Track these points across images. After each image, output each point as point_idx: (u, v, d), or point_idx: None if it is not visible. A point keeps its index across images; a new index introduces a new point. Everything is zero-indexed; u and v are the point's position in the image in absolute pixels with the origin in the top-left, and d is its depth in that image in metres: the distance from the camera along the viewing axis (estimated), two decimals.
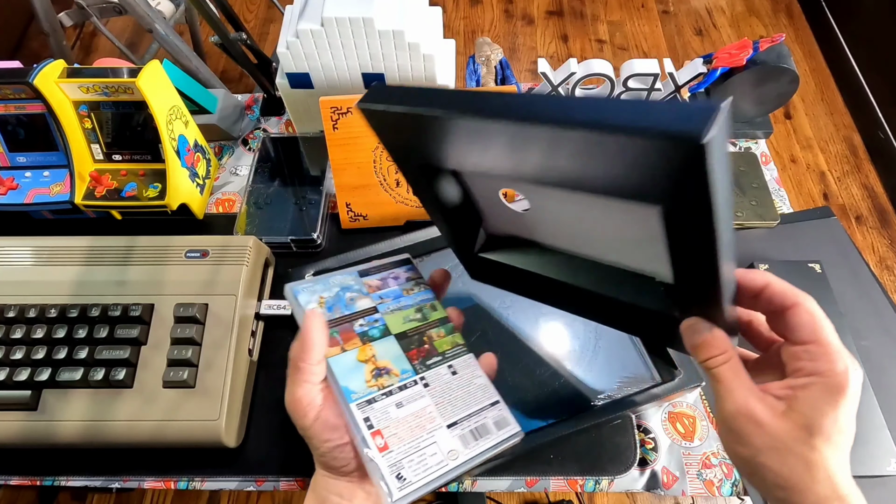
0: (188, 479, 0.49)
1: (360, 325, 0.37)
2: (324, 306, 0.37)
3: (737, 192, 0.63)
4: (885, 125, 1.60)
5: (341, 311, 0.37)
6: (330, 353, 0.35)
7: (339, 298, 0.38)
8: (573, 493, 1.15)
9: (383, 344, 0.37)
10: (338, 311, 0.37)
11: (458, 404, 0.35)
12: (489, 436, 0.35)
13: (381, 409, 0.34)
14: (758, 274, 0.31)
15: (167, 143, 0.56)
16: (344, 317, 0.37)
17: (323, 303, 0.37)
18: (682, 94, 0.67)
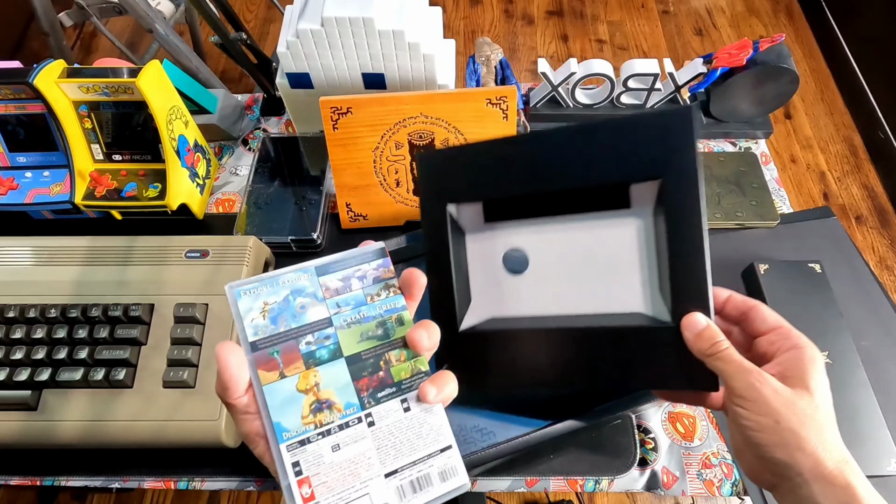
0: (188, 479, 0.49)
1: (307, 342, 0.32)
2: (267, 316, 0.31)
3: (737, 191, 0.63)
4: (885, 125, 1.60)
5: (287, 322, 0.32)
6: (265, 378, 0.30)
7: (287, 305, 0.32)
8: (573, 493, 1.15)
9: (330, 369, 0.31)
10: (283, 323, 0.31)
11: (404, 448, 0.31)
12: (430, 488, 0.30)
13: (314, 453, 0.30)
14: (719, 290, 0.37)
15: (167, 143, 0.56)
16: (290, 331, 0.31)
17: (266, 311, 0.32)
18: (682, 94, 0.67)
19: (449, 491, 0.31)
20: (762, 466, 0.32)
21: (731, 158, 0.66)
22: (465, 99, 0.55)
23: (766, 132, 0.69)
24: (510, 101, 0.55)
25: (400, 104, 0.54)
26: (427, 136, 0.57)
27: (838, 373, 0.51)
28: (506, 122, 0.56)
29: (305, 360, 0.31)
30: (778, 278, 0.55)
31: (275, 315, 0.32)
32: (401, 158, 0.57)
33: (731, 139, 0.70)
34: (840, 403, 0.49)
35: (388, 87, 0.61)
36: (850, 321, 0.54)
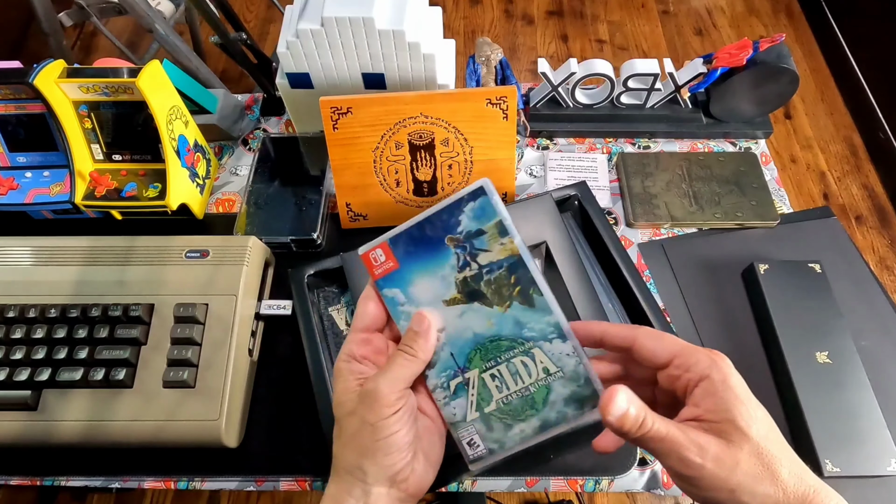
0: (188, 479, 0.49)
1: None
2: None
3: (737, 191, 0.63)
4: (885, 125, 1.60)
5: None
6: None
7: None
8: (573, 493, 1.15)
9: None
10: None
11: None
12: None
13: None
14: (591, 324, 0.33)
15: (167, 143, 0.56)
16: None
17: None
18: (682, 94, 0.67)
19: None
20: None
21: (731, 158, 0.66)
22: (465, 99, 0.55)
23: (766, 132, 0.69)
24: (510, 101, 0.55)
25: (400, 104, 0.54)
26: (427, 136, 0.57)
27: (838, 373, 0.51)
28: (506, 122, 0.56)
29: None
30: (778, 278, 0.55)
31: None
32: (401, 158, 0.57)
33: (731, 139, 0.70)
34: (840, 403, 0.49)
35: (388, 87, 0.61)
36: (850, 321, 0.54)
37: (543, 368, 0.33)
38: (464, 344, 0.34)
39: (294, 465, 0.49)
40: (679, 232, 0.62)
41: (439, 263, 0.34)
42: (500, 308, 0.34)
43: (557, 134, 0.70)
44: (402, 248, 0.34)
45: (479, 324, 0.34)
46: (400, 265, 0.35)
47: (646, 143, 0.70)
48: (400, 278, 0.35)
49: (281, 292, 0.57)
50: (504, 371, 0.34)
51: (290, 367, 0.53)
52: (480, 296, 0.34)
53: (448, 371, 0.34)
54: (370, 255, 0.35)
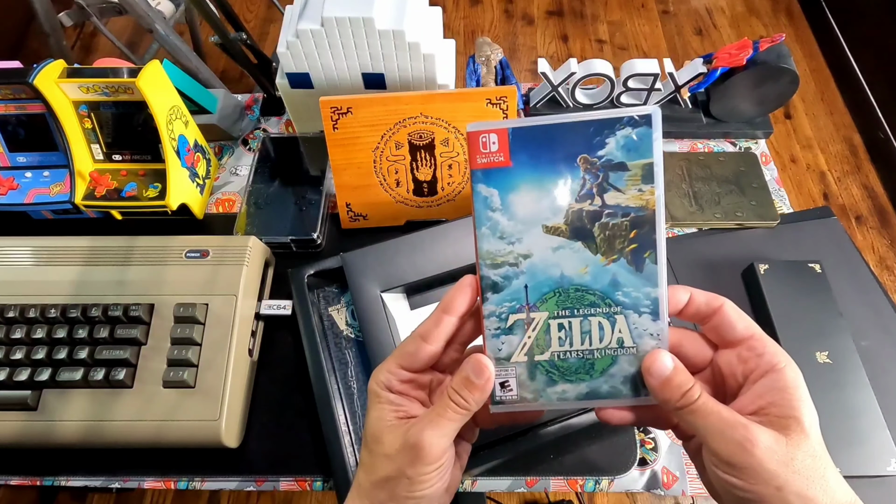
0: (188, 479, 0.49)
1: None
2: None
3: (737, 191, 0.63)
4: (885, 125, 1.60)
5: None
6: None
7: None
8: (573, 493, 1.15)
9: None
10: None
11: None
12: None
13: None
14: (678, 289, 0.30)
15: (167, 143, 0.56)
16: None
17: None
18: (682, 94, 0.67)
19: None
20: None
21: (731, 158, 0.66)
22: (465, 99, 0.55)
23: (766, 132, 0.69)
24: (510, 101, 0.55)
25: (400, 104, 0.54)
26: (427, 136, 0.57)
27: (838, 373, 0.51)
28: None
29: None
30: (778, 278, 0.55)
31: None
32: (401, 158, 0.57)
33: (731, 139, 0.70)
34: (840, 403, 0.49)
35: (388, 87, 0.61)
36: (850, 321, 0.54)
37: (619, 339, 0.30)
38: (544, 280, 0.30)
39: (294, 465, 0.49)
40: (679, 232, 0.62)
41: (559, 181, 0.29)
42: (603, 259, 0.29)
43: None
44: (522, 145, 0.29)
45: (572, 266, 0.30)
46: (512, 164, 0.29)
47: None
48: (505, 179, 0.29)
49: (281, 292, 0.57)
50: (576, 325, 0.30)
51: (290, 367, 0.53)
52: (588, 236, 0.29)
53: (514, 303, 0.30)
54: (480, 138, 0.29)
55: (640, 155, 0.28)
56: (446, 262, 0.52)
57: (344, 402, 0.49)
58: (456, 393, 0.29)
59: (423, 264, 0.51)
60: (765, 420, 0.26)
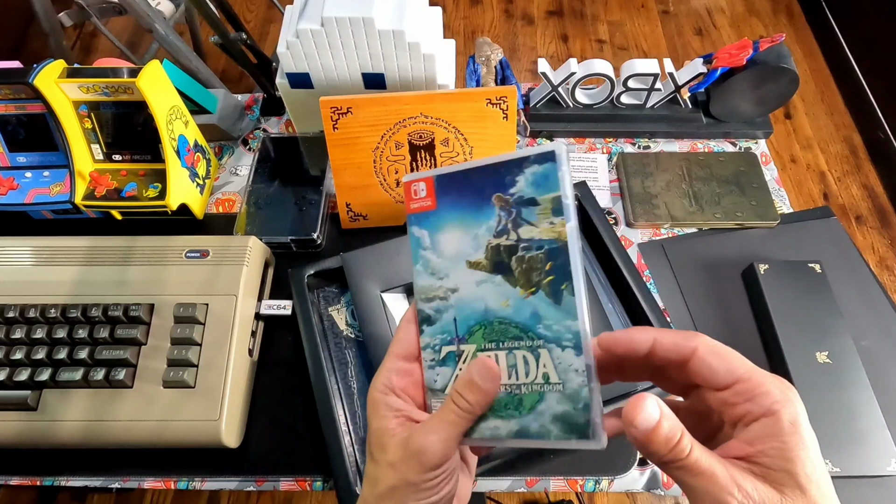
0: (188, 479, 0.49)
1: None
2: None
3: (737, 192, 0.63)
4: (885, 125, 1.60)
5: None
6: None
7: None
8: (573, 493, 1.15)
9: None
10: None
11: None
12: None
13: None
14: (638, 330, 0.27)
15: (167, 143, 0.56)
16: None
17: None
18: (682, 94, 0.67)
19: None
20: None
21: (731, 158, 0.66)
22: (465, 99, 0.55)
23: (766, 132, 0.69)
24: (510, 101, 0.55)
25: (400, 104, 0.54)
26: (427, 136, 0.57)
27: (838, 373, 0.51)
28: (506, 122, 0.56)
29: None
30: (778, 278, 0.55)
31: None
32: (401, 158, 0.57)
33: (731, 139, 0.70)
34: (840, 403, 0.49)
35: (388, 87, 0.61)
36: (850, 321, 0.54)
37: (544, 374, 0.29)
38: (471, 314, 0.30)
39: (294, 465, 0.49)
40: (679, 232, 0.62)
41: (477, 220, 0.31)
42: (522, 291, 0.30)
43: (557, 134, 0.70)
44: (445, 190, 0.31)
45: (494, 299, 0.30)
46: (437, 207, 0.31)
47: (646, 143, 0.70)
48: (433, 221, 0.32)
49: (281, 292, 0.57)
50: (502, 358, 0.30)
51: (290, 367, 0.53)
52: (507, 270, 0.30)
53: (444, 335, 0.31)
54: (412, 186, 0.32)
55: (548, 189, 0.29)
56: None
57: (344, 402, 0.49)
58: (459, 395, 0.28)
59: None
60: (755, 469, 0.23)
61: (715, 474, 0.23)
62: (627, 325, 0.52)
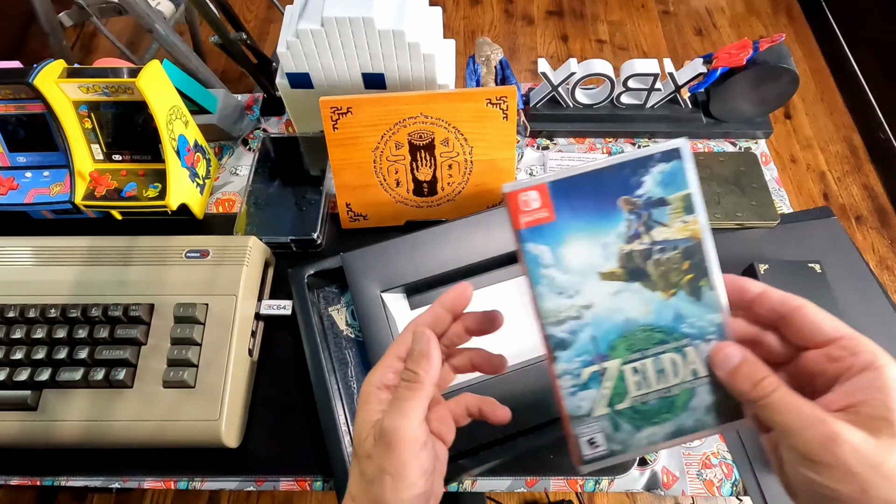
0: (188, 480, 0.49)
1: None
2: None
3: (737, 191, 0.63)
4: (885, 125, 1.60)
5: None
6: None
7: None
8: (573, 493, 1.15)
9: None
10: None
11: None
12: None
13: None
14: (747, 282, 0.29)
15: (167, 143, 0.56)
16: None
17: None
18: (682, 94, 0.67)
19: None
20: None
21: (731, 158, 0.66)
22: (465, 99, 0.55)
23: (766, 132, 0.69)
24: (510, 101, 0.55)
25: (400, 104, 0.54)
26: (427, 136, 0.57)
27: None
28: (506, 121, 0.56)
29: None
30: (778, 278, 0.55)
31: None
32: (401, 158, 0.57)
33: (731, 139, 0.70)
34: None
35: (388, 87, 0.61)
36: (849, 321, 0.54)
37: (692, 370, 0.29)
38: (610, 328, 0.29)
39: (294, 465, 0.49)
40: None
41: (605, 227, 0.29)
42: (663, 294, 0.29)
43: (557, 134, 0.70)
44: (564, 198, 0.29)
45: (635, 308, 0.29)
46: (556, 218, 0.29)
47: (646, 143, 0.70)
48: (552, 234, 0.29)
49: (281, 292, 0.57)
50: (649, 366, 0.29)
51: (290, 367, 0.53)
52: (644, 276, 0.29)
53: (584, 356, 0.29)
54: (519, 197, 0.28)
55: (677, 188, 0.29)
56: (446, 263, 0.52)
57: (344, 402, 0.49)
58: (407, 370, 0.29)
59: (423, 264, 0.51)
60: (854, 419, 0.24)
61: (802, 408, 0.24)
62: None
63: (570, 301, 0.29)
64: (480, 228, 0.53)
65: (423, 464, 0.28)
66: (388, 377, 0.30)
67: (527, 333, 0.50)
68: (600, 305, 0.29)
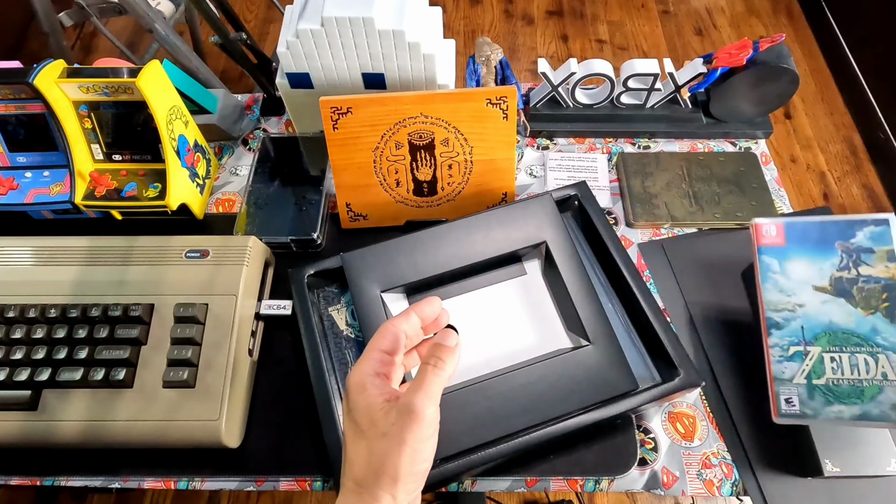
0: (188, 479, 0.49)
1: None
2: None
3: (737, 191, 0.63)
4: (885, 125, 1.60)
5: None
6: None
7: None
8: (573, 493, 1.15)
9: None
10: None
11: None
12: None
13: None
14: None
15: (167, 143, 0.56)
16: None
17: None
18: (682, 94, 0.67)
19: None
20: None
21: (731, 158, 0.66)
22: (465, 99, 0.55)
23: (766, 132, 0.69)
24: (510, 101, 0.55)
25: (400, 104, 0.54)
26: (427, 136, 0.57)
27: None
28: (506, 121, 0.56)
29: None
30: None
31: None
32: (401, 158, 0.57)
33: (731, 139, 0.70)
34: None
35: (388, 87, 0.61)
36: None
37: (883, 373, 0.40)
38: (816, 324, 0.42)
39: (294, 465, 0.49)
40: (679, 232, 0.62)
41: (822, 257, 0.43)
42: (863, 311, 0.41)
43: (557, 134, 0.70)
44: (794, 233, 0.44)
45: (838, 315, 0.41)
46: (786, 244, 0.44)
47: (646, 143, 0.70)
48: (781, 253, 0.44)
49: (281, 292, 0.57)
50: (845, 359, 0.40)
51: (290, 367, 0.53)
52: (849, 295, 0.42)
53: (793, 338, 0.42)
54: (762, 227, 0.45)
55: (883, 243, 0.42)
56: (446, 263, 0.52)
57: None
58: (435, 356, 0.33)
59: (423, 264, 0.51)
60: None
61: None
62: (627, 324, 0.52)
63: (787, 298, 0.43)
64: (480, 228, 0.53)
65: (434, 443, 0.32)
66: (378, 367, 0.34)
67: (528, 334, 0.51)
68: (811, 307, 0.42)
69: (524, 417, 0.45)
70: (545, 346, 0.50)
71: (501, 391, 0.46)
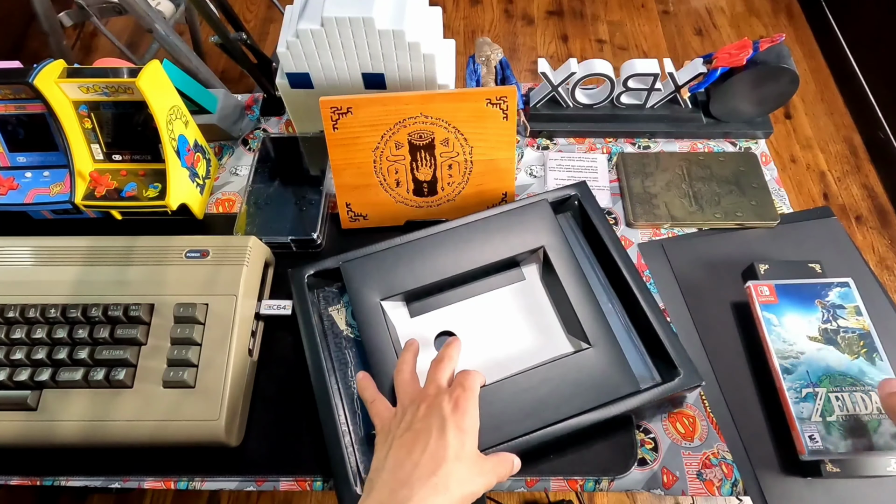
0: (188, 479, 0.49)
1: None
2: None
3: (737, 191, 0.63)
4: (885, 125, 1.60)
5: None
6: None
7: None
8: (573, 493, 1.15)
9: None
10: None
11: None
12: None
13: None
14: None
15: (167, 143, 0.56)
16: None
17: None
18: (682, 94, 0.67)
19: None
20: None
21: (731, 158, 0.66)
22: (465, 99, 0.55)
23: (766, 132, 0.69)
24: (510, 100, 0.55)
25: (400, 104, 0.54)
26: (427, 136, 0.57)
27: None
28: (506, 121, 0.56)
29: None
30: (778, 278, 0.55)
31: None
32: (401, 158, 0.57)
33: (731, 139, 0.70)
34: None
35: (388, 87, 0.61)
36: None
37: (877, 408, 0.46)
38: (817, 368, 0.48)
39: (294, 465, 0.49)
40: (679, 232, 0.62)
41: (808, 312, 0.51)
42: (849, 356, 0.48)
43: (557, 134, 0.70)
44: (783, 293, 0.52)
45: (832, 360, 0.48)
46: (779, 301, 0.52)
47: (646, 143, 0.70)
48: (777, 309, 0.51)
49: (281, 292, 0.57)
50: (846, 397, 0.46)
51: (290, 367, 0.53)
52: (836, 343, 0.49)
53: (802, 381, 0.48)
54: (757, 287, 0.52)
55: (850, 301, 0.51)
56: (444, 269, 0.52)
57: (344, 402, 0.49)
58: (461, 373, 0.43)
59: (422, 272, 0.52)
60: None
61: None
62: (627, 325, 0.52)
63: (790, 347, 0.49)
64: (479, 234, 0.53)
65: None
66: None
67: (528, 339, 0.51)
68: (809, 353, 0.49)
69: (526, 422, 0.45)
70: (546, 350, 0.50)
71: (503, 397, 0.46)
